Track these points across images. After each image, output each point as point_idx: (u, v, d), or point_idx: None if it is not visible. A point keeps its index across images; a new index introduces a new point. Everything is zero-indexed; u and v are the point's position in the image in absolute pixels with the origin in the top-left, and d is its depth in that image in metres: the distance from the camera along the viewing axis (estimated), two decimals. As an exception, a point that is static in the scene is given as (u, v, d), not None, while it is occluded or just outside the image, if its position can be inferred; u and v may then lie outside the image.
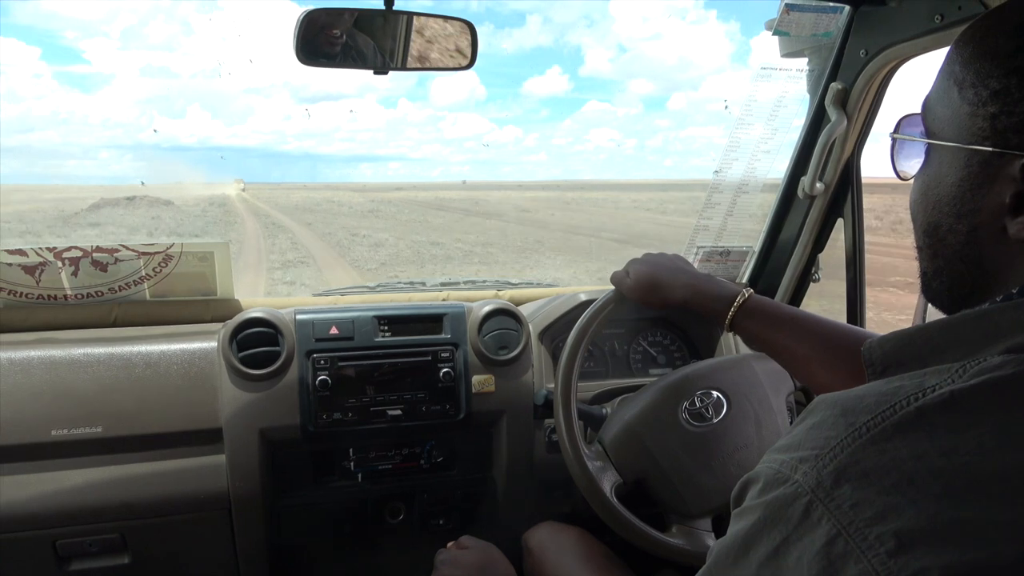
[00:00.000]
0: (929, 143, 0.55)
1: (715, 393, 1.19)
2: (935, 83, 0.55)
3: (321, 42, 1.17)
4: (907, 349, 0.49)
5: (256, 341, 1.35)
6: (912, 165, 0.59)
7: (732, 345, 1.55)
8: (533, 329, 1.50)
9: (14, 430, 1.24)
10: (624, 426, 1.19)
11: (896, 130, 0.62)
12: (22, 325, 1.40)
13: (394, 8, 1.18)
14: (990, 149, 0.47)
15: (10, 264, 1.36)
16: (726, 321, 1.02)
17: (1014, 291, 0.47)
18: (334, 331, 1.39)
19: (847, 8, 1.34)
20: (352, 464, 1.43)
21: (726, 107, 1.61)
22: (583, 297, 1.49)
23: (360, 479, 1.43)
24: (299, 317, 1.40)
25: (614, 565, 1.13)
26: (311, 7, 1.14)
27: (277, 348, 1.35)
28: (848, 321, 1.59)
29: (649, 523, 1.10)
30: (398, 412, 1.38)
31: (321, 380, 1.34)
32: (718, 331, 1.57)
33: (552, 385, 1.40)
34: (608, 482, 1.12)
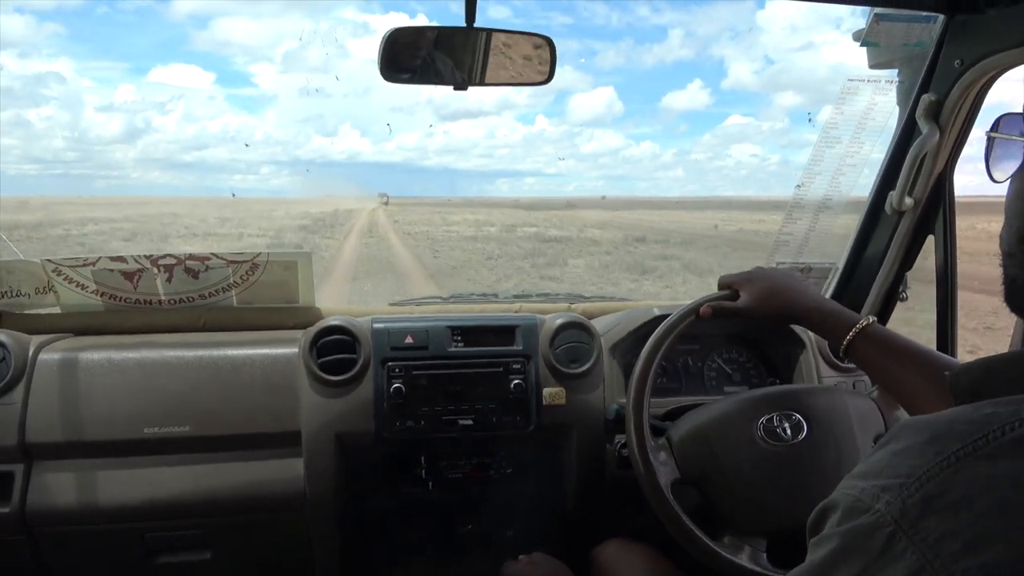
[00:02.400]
0: None
1: (797, 416, 1.15)
2: None
3: (404, 59, 1.21)
4: (999, 376, 0.47)
5: (335, 348, 1.39)
6: (1007, 167, 0.56)
7: (812, 367, 1.50)
8: (605, 343, 1.49)
9: (110, 427, 1.31)
10: (695, 427, 1.17)
11: (994, 129, 0.59)
12: (120, 328, 1.49)
13: (475, 25, 1.20)
14: None
15: (111, 270, 1.45)
16: (844, 343, 1.02)
17: None
18: (409, 340, 1.42)
19: (941, 17, 1.29)
20: (423, 472, 1.45)
21: (810, 120, 1.57)
22: (656, 312, 1.47)
23: (431, 487, 1.45)
24: (376, 326, 1.43)
25: None
26: (396, 26, 1.18)
27: (354, 355, 1.39)
28: (938, 345, 1.51)
29: (696, 522, 1.08)
30: (469, 422, 1.39)
31: (396, 388, 1.37)
32: (798, 352, 1.52)
33: (623, 400, 1.39)
34: (666, 476, 1.11)
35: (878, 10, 1.31)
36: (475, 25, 1.20)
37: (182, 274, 1.47)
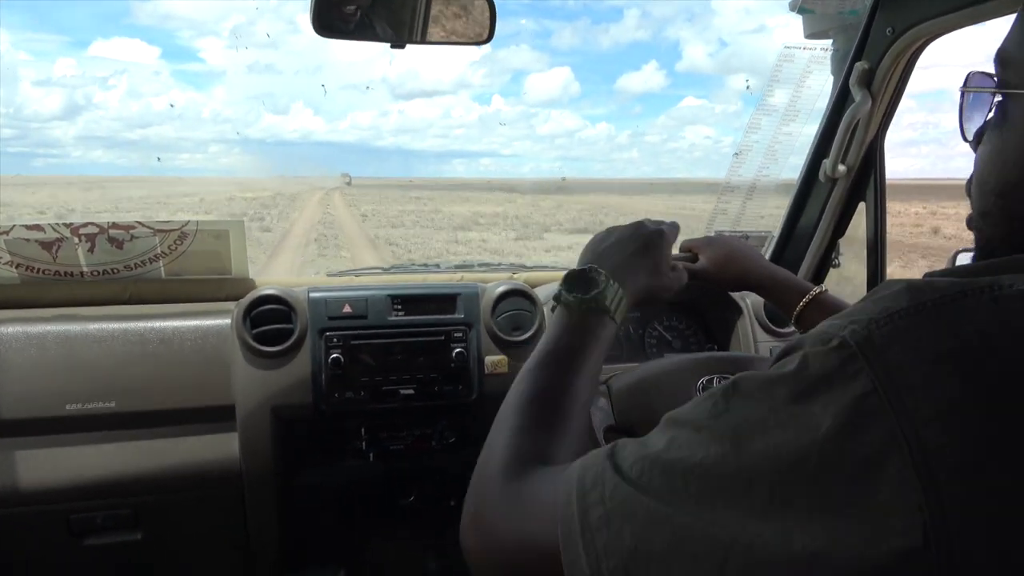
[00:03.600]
0: (1017, 93, 0.51)
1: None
2: (1015, 32, 0.52)
3: (336, 15, 1.17)
4: (970, 270, 0.47)
5: (270, 319, 1.35)
6: (979, 123, 0.56)
7: (749, 333, 1.53)
8: (547, 311, 1.48)
9: (29, 404, 1.25)
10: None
11: (966, 84, 0.58)
12: (38, 301, 1.40)
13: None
14: None
15: (28, 240, 1.36)
16: (795, 311, 1.04)
17: None
18: (347, 309, 1.39)
19: (874, -15, 1.31)
20: (364, 444, 1.43)
21: (747, 87, 1.58)
22: None
23: (371, 459, 1.43)
24: (312, 295, 1.39)
25: None
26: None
27: (290, 326, 1.35)
28: None
29: None
30: (410, 392, 1.38)
31: (334, 358, 1.34)
32: (735, 318, 1.55)
33: None
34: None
35: (814, -23, 1.32)
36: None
37: (105, 244, 1.40)
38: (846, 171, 1.47)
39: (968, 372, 0.37)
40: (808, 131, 1.56)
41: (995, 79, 0.53)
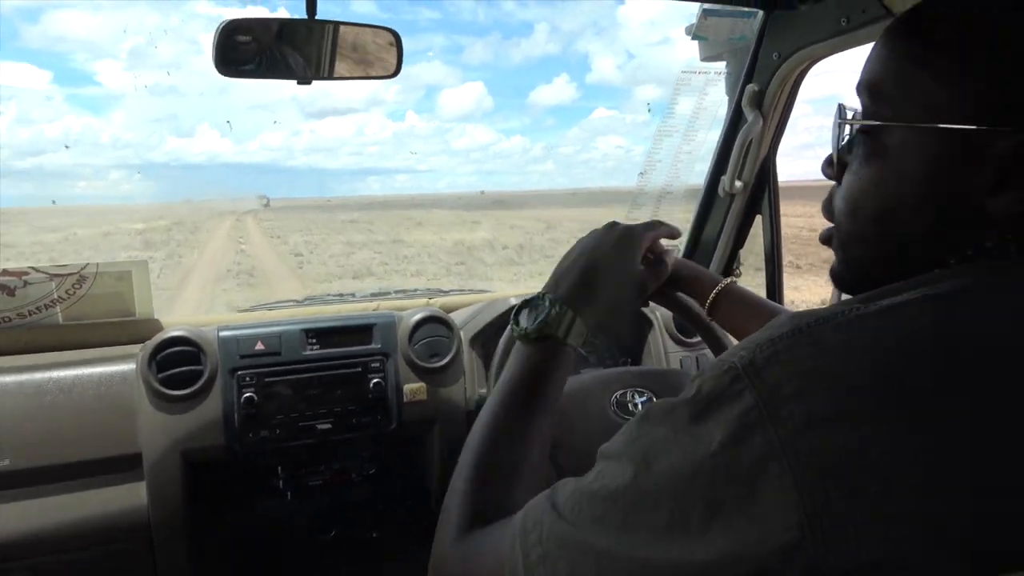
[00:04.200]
0: (891, 126, 0.52)
1: (648, 393, 1.21)
2: (878, 65, 0.54)
3: (241, 53, 1.14)
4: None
5: (177, 361, 1.30)
6: (852, 158, 0.57)
7: (660, 344, 1.58)
8: (464, 335, 1.49)
9: None
10: None
11: (839, 116, 0.59)
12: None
13: (317, 18, 1.16)
14: (973, 128, 0.47)
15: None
16: (708, 300, 1.07)
17: (953, 261, 0.49)
18: (260, 347, 1.35)
19: (761, 13, 1.38)
20: (281, 482, 1.39)
21: (649, 109, 1.64)
22: (514, 301, 1.50)
23: (290, 497, 1.40)
24: (222, 334, 1.35)
25: None
26: (230, 18, 1.11)
27: (199, 367, 1.31)
28: None
29: None
30: (328, 426, 1.35)
31: (247, 398, 1.30)
32: (647, 331, 1.60)
33: (484, 390, 1.40)
34: None
35: (706, 6, 1.38)
36: (317, 17, 1.16)
37: (-8, 291, 1.32)
38: (743, 186, 1.55)
39: (831, 384, 0.40)
40: (708, 147, 1.63)
41: (861, 111, 0.55)
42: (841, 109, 0.60)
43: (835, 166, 0.60)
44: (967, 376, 0.40)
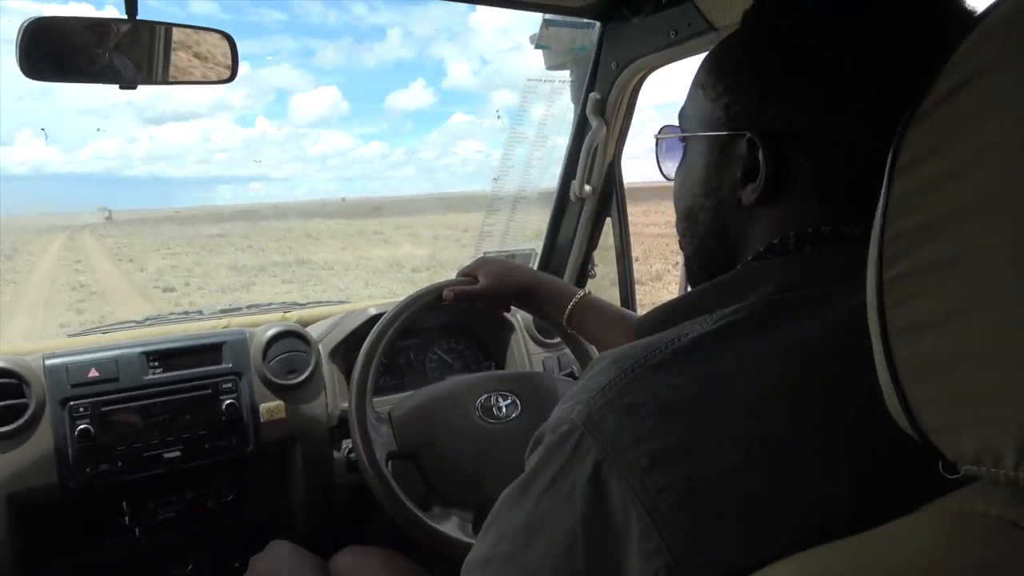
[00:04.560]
0: (684, 137, 0.63)
1: (512, 396, 1.22)
2: (687, 94, 0.63)
3: (51, 54, 1.05)
4: (669, 316, 0.56)
5: None
6: (673, 165, 0.67)
7: (523, 346, 1.61)
8: (323, 349, 1.45)
9: None
10: (416, 404, 1.19)
11: (659, 133, 0.70)
12: None
13: (138, 18, 1.09)
14: (725, 132, 0.56)
15: None
16: (566, 314, 1.12)
17: (749, 258, 0.55)
18: (94, 374, 1.25)
19: (598, 24, 1.45)
20: (127, 519, 1.28)
21: (499, 117, 1.67)
22: (373, 311, 1.47)
23: (138, 533, 1.29)
24: (49, 363, 1.24)
25: None
26: (37, 15, 1.02)
27: (23, 400, 1.19)
28: (622, 306, 1.72)
29: (416, 503, 1.09)
30: (176, 454, 1.27)
31: (81, 430, 1.20)
32: (509, 335, 1.63)
33: (346, 404, 1.37)
34: (382, 447, 1.11)
35: (547, 16, 1.43)
36: (139, 18, 1.09)
37: None
38: (592, 191, 1.61)
39: (666, 421, 0.43)
40: (559, 152, 1.68)
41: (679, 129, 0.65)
42: (661, 129, 0.71)
43: (669, 175, 0.69)
44: (775, 392, 0.44)
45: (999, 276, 0.31)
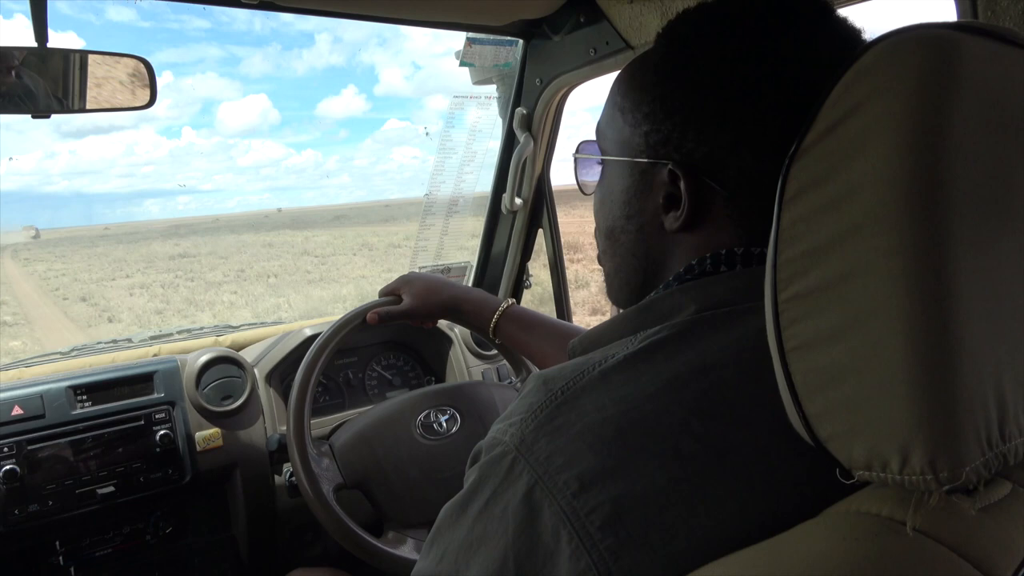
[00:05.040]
0: (603, 159, 0.64)
1: (451, 410, 1.23)
2: (604, 111, 0.64)
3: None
4: (598, 337, 0.58)
5: None
6: (592, 182, 0.68)
7: (461, 359, 1.63)
8: (259, 373, 1.44)
9: None
10: (356, 432, 1.18)
11: (577, 152, 0.72)
12: None
13: (49, 46, 1.07)
14: (645, 160, 0.57)
15: None
16: (491, 325, 1.13)
17: (670, 279, 0.57)
18: (18, 411, 1.21)
19: (520, 42, 1.48)
20: (61, 558, 1.25)
21: (426, 133, 1.69)
22: (308, 332, 1.46)
23: (74, 572, 1.26)
24: None
25: None
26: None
27: None
28: (556, 314, 1.76)
29: (367, 529, 1.09)
30: (110, 489, 1.24)
31: (7, 471, 1.16)
32: (447, 348, 1.64)
33: (285, 428, 1.36)
34: (329, 481, 1.10)
35: (470, 34, 1.46)
36: (49, 45, 1.07)
37: None
38: (522, 203, 1.64)
39: (592, 443, 0.45)
40: (488, 165, 1.71)
41: (597, 147, 0.66)
42: (579, 147, 0.73)
43: (587, 192, 0.71)
44: (691, 411, 0.46)
45: (875, 296, 0.35)
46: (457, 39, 1.49)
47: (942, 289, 0.34)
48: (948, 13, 0.83)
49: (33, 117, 1.08)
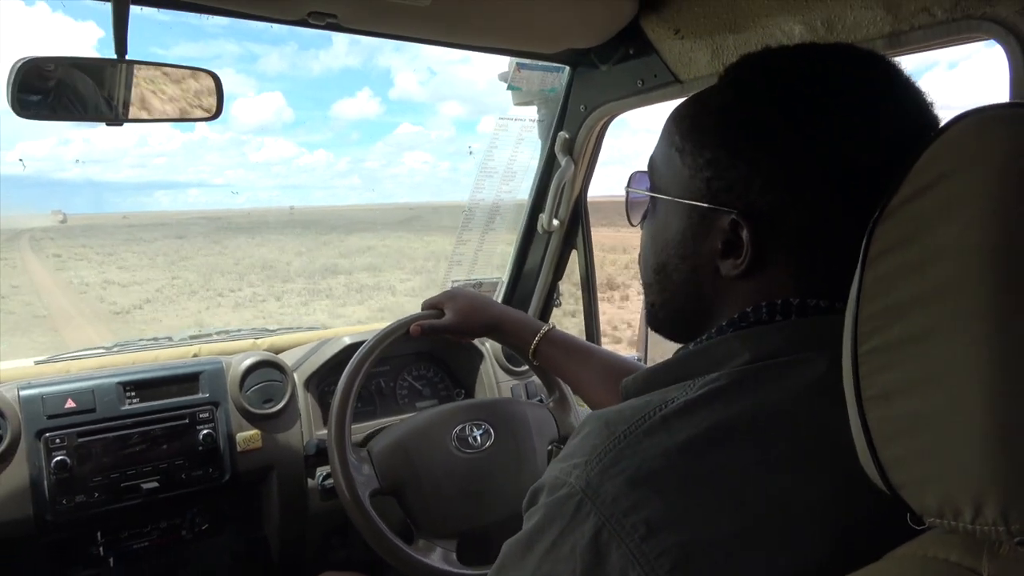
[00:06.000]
0: (658, 198, 0.65)
1: (485, 425, 1.26)
2: (659, 147, 0.65)
3: (39, 93, 1.07)
4: (654, 378, 0.59)
5: None
6: (640, 213, 0.70)
7: (492, 374, 1.66)
8: (298, 378, 1.48)
9: None
10: (394, 440, 1.21)
11: (629, 184, 0.73)
12: None
13: (127, 58, 1.12)
14: (706, 205, 0.58)
15: None
16: (531, 348, 1.15)
17: (724, 324, 0.59)
18: (71, 404, 1.25)
19: (567, 68, 1.52)
20: (101, 549, 1.29)
21: (470, 152, 1.73)
22: (348, 340, 1.50)
23: (112, 563, 1.30)
24: (24, 393, 1.24)
25: None
26: (28, 55, 1.04)
27: None
28: (586, 335, 1.79)
29: (397, 536, 1.12)
30: (154, 484, 1.28)
31: (58, 461, 1.20)
32: (478, 362, 1.67)
33: (321, 432, 1.39)
34: (365, 486, 1.13)
35: (519, 60, 1.50)
36: (128, 58, 1.12)
37: None
38: (559, 224, 1.68)
39: (659, 489, 0.47)
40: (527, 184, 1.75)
41: (648, 182, 0.68)
42: (632, 177, 0.73)
43: (635, 223, 0.72)
44: (752, 460, 0.48)
45: (956, 355, 0.37)
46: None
47: (1021, 350, 0.36)
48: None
49: (108, 125, 1.13)
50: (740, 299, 0.58)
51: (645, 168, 0.69)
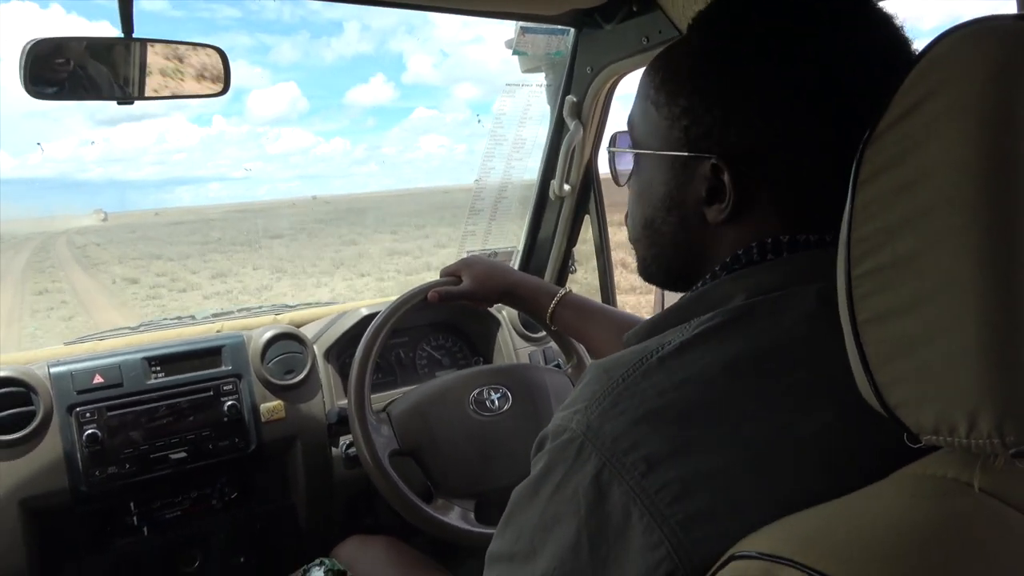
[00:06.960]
0: (640, 153, 0.65)
1: (504, 389, 1.28)
2: (636, 103, 0.65)
3: (50, 73, 1.09)
4: (652, 327, 0.60)
5: (5, 403, 1.21)
6: (626, 172, 0.70)
7: (509, 341, 1.68)
8: (318, 349, 1.50)
9: None
10: (413, 402, 1.24)
11: (611, 145, 0.74)
12: None
13: (134, 36, 1.13)
14: (687, 154, 0.58)
15: None
16: (548, 312, 1.16)
17: (717, 269, 0.59)
18: (99, 379, 1.29)
19: (572, 30, 1.51)
20: (135, 518, 1.33)
21: (479, 121, 1.73)
22: (365, 312, 1.52)
23: (146, 532, 1.34)
24: (54, 370, 1.28)
25: (424, 566, 1.19)
26: (38, 37, 1.06)
27: (31, 408, 1.23)
28: (601, 298, 1.80)
29: (418, 496, 1.14)
30: (183, 454, 1.32)
31: (89, 435, 1.24)
32: (495, 329, 1.69)
33: (343, 402, 1.42)
34: (384, 447, 1.16)
35: (523, 23, 1.49)
36: (134, 36, 1.13)
37: None
38: (570, 190, 1.68)
39: (657, 426, 0.48)
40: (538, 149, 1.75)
41: (630, 140, 0.68)
42: (613, 138, 0.74)
43: (621, 182, 0.72)
44: (748, 391, 0.49)
45: (948, 270, 0.38)
46: (487, 27, 1.52)
47: (1013, 263, 0.36)
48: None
49: (119, 103, 1.15)
50: (731, 244, 0.59)
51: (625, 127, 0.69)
